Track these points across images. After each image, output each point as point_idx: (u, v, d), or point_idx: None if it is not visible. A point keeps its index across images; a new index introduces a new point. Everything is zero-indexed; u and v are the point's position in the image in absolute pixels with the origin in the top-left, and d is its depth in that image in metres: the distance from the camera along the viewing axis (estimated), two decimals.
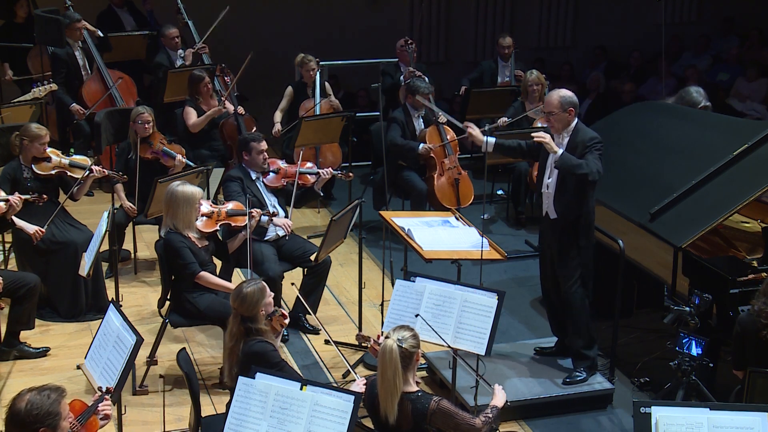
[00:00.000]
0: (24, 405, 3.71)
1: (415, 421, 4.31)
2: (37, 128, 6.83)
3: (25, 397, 3.74)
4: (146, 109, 7.54)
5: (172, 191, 5.90)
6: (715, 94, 11.43)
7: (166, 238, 5.89)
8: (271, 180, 6.79)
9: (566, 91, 5.92)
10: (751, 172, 6.10)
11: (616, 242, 6.04)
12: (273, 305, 4.96)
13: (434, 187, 8.18)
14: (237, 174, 6.67)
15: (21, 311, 6.28)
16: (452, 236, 6.10)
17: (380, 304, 6.63)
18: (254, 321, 4.80)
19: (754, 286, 5.48)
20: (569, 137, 5.83)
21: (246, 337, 4.78)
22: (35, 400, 3.72)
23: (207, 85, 8.43)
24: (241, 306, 4.80)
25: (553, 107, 5.81)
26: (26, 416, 3.69)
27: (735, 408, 4.33)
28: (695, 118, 7.29)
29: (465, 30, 12.88)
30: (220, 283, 5.97)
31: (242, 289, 4.83)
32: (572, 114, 5.81)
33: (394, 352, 4.26)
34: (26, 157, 6.78)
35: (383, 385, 4.30)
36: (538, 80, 8.67)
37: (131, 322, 4.86)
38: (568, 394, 5.93)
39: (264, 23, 11.78)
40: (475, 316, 5.23)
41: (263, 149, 6.67)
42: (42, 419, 3.70)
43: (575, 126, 5.84)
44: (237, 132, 8.44)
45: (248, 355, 4.74)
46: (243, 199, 6.44)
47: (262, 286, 4.86)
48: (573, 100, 5.83)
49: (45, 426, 3.71)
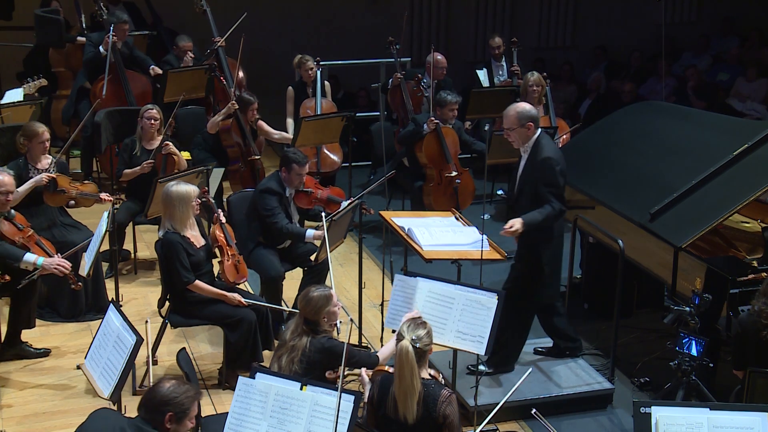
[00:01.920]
0: (167, 386, 3.91)
1: (426, 406, 4.31)
2: (35, 126, 6.83)
3: (171, 381, 3.96)
4: (155, 107, 7.54)
5: (167, 191, 5.89)
6: (715, 94, 11.45)
7: (164, 239, 5.88)
8: (301, 200, 6.81)
9: (525, 104, 5.91)
10: (751, 172, 6.10)
11: (616, 242, 6.05)
12: (338, 316, 4.97)
13: (432, 199, 8.18)
14: (277, 188, 6.59)
15: (21, 310, 6.29)
16: (452, 236, 6.10)
17: (380, 304, 6.63)
18: (316, 325, 4.84)
19: (754, 286, 5.48)
20: (530, 151, 5.83)
21: (314, 334, 4.82)
22: (178, 388, 3.92)
23: (254, 110, 8.39)
24: (305, 308, 4.85)
25: (511, 122, 5.81)
26: (164, 396, 3.87)
27: (735, 408, 4.33)
28: (695, 118, 7.29)
29: (465, 30, 12.89)
30: (213, 291, 5.95)
31: (310, 292, 4.87)
32: (531, 129, 5.79)
33: (411, 354, 4.29)
34: (31, 155, 6.79)
35: (401, 387, 4.31)
36: (539, 82, 8.65)
37: (131, 322, 4.86)
38: (568, 394, 5.93)
39: (264, 23, 11.78)
40: (475, 316, 5.23)
41: (302, 174, 6.63)
42: (174, 405, 3.87)
43: (536, 140, 5.82)
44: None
45: (321, 351, 4.78)
46: (281, 213, 6.47)
47: (328, 294, 4.87)
48: (531, 114, 5.80)
49: (173, 412, 3.88)
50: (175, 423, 3.90)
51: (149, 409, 3.90)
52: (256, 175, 8.30)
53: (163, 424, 3.87)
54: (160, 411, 3.87)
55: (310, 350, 4.76)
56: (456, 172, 8.18)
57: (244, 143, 8.30)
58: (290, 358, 4.75)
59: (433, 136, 8.17)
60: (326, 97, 9.19)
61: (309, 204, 6.90)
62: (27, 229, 6.17)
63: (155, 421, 3.88)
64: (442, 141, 8.18)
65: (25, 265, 5.90)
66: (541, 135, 5.85)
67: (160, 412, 3.87)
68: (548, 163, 5.74)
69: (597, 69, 12.44)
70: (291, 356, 4.76)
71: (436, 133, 8.16)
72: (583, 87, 12.05)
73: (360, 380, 4.82)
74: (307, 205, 6.90)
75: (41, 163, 6.83)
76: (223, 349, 6.04)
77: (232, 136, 8.31)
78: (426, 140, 8.16)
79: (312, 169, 8.49)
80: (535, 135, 5.82)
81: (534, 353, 6.35)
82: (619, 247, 6.03)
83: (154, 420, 3.88)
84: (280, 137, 8.64)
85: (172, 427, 3.90)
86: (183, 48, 9.48)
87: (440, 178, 8.19)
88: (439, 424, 4.33)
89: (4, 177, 5.95)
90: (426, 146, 8.17)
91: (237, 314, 5.91)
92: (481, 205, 7.71)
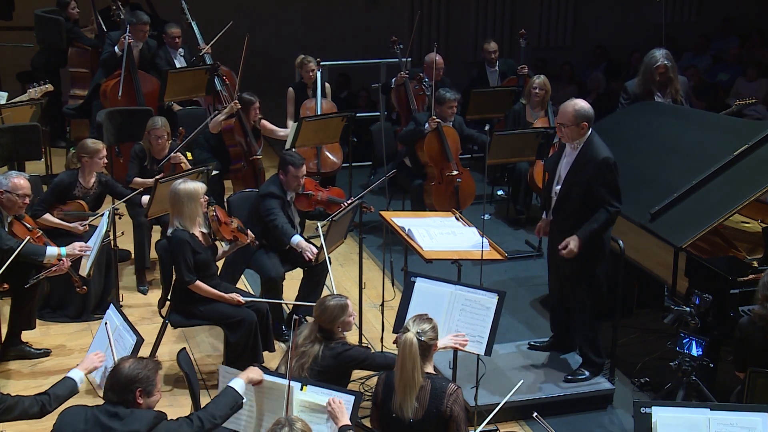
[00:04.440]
0: (127, 365, 4.04)
1: (433, 400, 4.31)
2: (93, 143, 6.90)
3: (129, 360, 4.11)
4: (162, 122, 7.41)
5: (174, 189, 5.90)
6: (715, 94, 11.44)
7: (172, 236, 5.87)
8: (301, 203, 6.80)
9: (583, 103, 5.78)
10: (751, 172, 6.10)
11: (616, 242, 6.04)
12: (352, 325, 4.98)
13: (432, 198, 8.18)
14: (278, 192, 6.59)
15: (22, 311, 6.29)
16: (452, 236, 6.10)
17: (380, 304, 6.63)
18: (330, 333, 4.85)
19: (754, 286, 5.48)
20: (579, 150, 5.76)
21: (328, 341, 4.82)
22: (139, 364, 4.07)
23: (256, 109, 8.39)
24: (321, 316, 4.86)
25: (567, 119, 5.72)
26: (128, 374, 4.01)
27: (735, 408, 4.34)
28: (695, 118, 7.29)
29: (465, 30, 12.88)
30: (214, 292, 5.95)
31: (326, 300, 4.89)
32: (585, 128, 5.71)
33: (414, 346, 4.29)
34: (84, 171, 6.87)
35: (402, 379, 4.31)
36: (544, 85, 8.59)
37: (131, 322, 4.86)
38: (568, 394, 5.93)
39: (264, 23, 11.78)
40: (475, 316, 5.23)
41: (300, 176, 6.62)
42: (141, 381, 4.02)
43: (588, 138, 5.75)
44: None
45: (336, 357, 4.79)
46: (282, 216, 6.48)
47: (344, 304, 4.88)
48: (588, 114, 5.70)
49: (142, 388, 4.02)
50: (146, 396, 4.05)
51: (118, 391, 4.02)
52: (258, 174, 8.30)
53: (135, 401, 4.02)
54: (129, 389, 4.01)
55: (323, 357, 4.77)
56: (457, 171, 8.19)
57: (246, 143, 8.30)
58: (300, 363, 4.75)
59: (434, 135, 8.18)
60: (326, 98, 9.18)
61: (309, 206, 6.91)
62: (36, 230, 6.25)
63: (126, 401, 4.01)
64: (443, 140, 8.18)
65: (48, 259, 6.01)
66: (593, 134, 5.77)
67: (129, 391, 4.01)
68: (608, 163, 5.68)
69: (597, 69, 12.44)
70: (301, 362, 4.76)
71: (437, 132, 8.16)
72: (583, 87, 12.05)
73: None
74: (308, 207, 6.90)
75: (89, 182, 6.92)
76: (224, 349, 6.04)
77: (235, 135, 8.31)
78: (427, 139, 8.17)
79: (312, 169, 8.49)
80: (587, 134, 5.76)
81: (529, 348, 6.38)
82: (619, 247, 6.02)
83: (125, 400, 4.01)
84: (285, 135, 8.62)
85: (144, 401, 4.04)
86: (171, 35, 9.49)
87: (441, 177, 8.19)
88: (446, 417, 4.33)
89: (22, 180, 6.09)
90: (427, 145, 8.17)
91: (237, 315, 5.92)
92: (482, 205, 7.73)
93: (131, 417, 3.98)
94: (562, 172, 5.88)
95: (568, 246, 5.72)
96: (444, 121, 8.20)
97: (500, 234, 8.49)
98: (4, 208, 6.08)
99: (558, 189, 5.90)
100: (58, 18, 9.66)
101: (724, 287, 5.64)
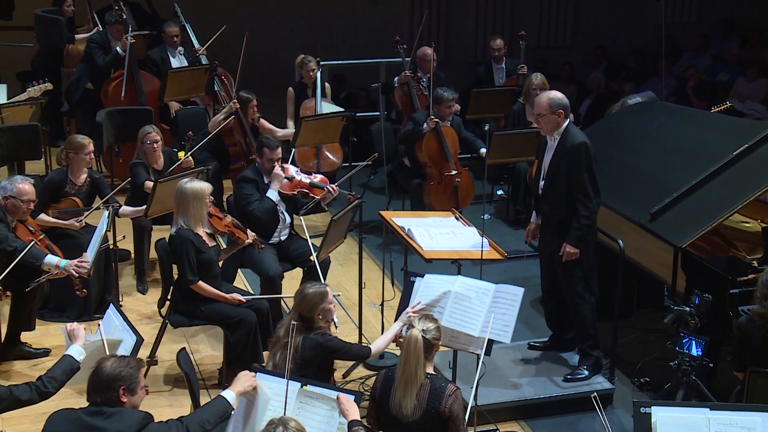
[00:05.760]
0: (109, 364, 4.02)
1: (430, 400, 4.31)
2: (81, 139, 6.89)
3: (110, 359, 4.08)
4: (153, 129, 7.39)
5: (180, 189, 5.88)
6: (715, 94, 11.44)
7: (175, 235, 5.87)
8: (283, 186, 6.77)
9: (556, 93, 5.94)
10: (751, 172, 6.10)
11: (616, 242, 6.05)
12: (333, 313, 4.96)
13: (432, 198, 8.18)
14: (252, 176, 6.62)
15: (22, 311, 6.30)
16: (452, 236, 6.11)
17: (380, 304, 6.63)
18: (311, 322, 4.84)
19: (754, 286, 5.48)
20: (559, 139, 5.86)
21: (308, 332, 4.81)
22: (120, 362, 4.05)
23: (253, 107, 8.40)
24: (300, 304, 4.85)
25: (542, 109, 5.85)
26: (110, 373, 3.99)
27: (735, 408, 4.33)
28: (695, 118, 7.29)
29: (465, 30, 12.88)
30: (215, 293, 5.95)
31: (305, 288, 4.88)
32: (561, 116, 5.83)
33: (419, 342, 4.31)
34: (73, 168, 6.87)
35: (404, 374, 4.32)
36: (543, 85, 8.60)
37: (131, 322, 4.86)
38: (568, 394, 5.93)
39: (264, 23, 11.77)
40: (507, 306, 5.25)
41: (274, 158, 6.61)
42: (123, 379, 4.00)
43: (566, 128, 5.86)
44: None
45: (315, 348, 4.78)
46: (257, 195, 6.47)
47: (324, 291, 4.86)
48: (563, 102, 5.84)
49: (125, 386, 4.00)
50: (129, 394, 4.03)
51: (101, 391, 4.00)
52: None
53: (118, 400, 4.00)
54: (112, 388, 3.99)
55: (303, 348, 4.76)
56: (456, 170, 8.19)
57: (245, 142, 8.30)
58: (284, 355, 4.74)
59: (432, 135, 8.17)
60: (326, 98, 9.18)
61: (291, 189, 6.83)
62: (38, 233, 6.26)
63: (110, 401, 3.99)
64: (442, 140, 8.18)
65: (46, 267, 5.99)
66: (570, 124, 5.90)
67: (112, 390, 3.99)
68: (583, 147, 5.78)
69: (597, 69, 12.44)
70: (285, 353, 4.75)
71: (436, 132, 8.16)
72: (582, 87, 12.05)
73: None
74: (290, 190, 6.83)
75: (80, 179, 6.91)
76: (223, 349, 6.04)
77: (234, 135, 8.31)
78: (426, 139, 8.17)
79: (312, 169, 8.49)
80: (564, 123, 5.85)
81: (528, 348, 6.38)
82: (619, 247, 6.02)
83: (109, 400, 3.99)
84: (284, 135, 8.62)
85: (128, 399, 4.03)
86: (170, 33, 9.51)
87: (440, 176, 8.19)
88: (445, 417, 4.33)
89: (27, 186, 6.11)
90: (426, 145, 8.17)
91: (237, 314, 5.92)
92: (481, 205, 7.73)
93: (118, 416, 3.96)
94: (545, 166, 5.97)
95: (565, 252, 5.85)
96: (442, 121, 8.20)
97: (500, 234, 8.49)
98: (9, 212, 6.10)
99: (542, 184, 5.99)
100: (58, 18, 9.66)
101: (723, 287, 5.64)
